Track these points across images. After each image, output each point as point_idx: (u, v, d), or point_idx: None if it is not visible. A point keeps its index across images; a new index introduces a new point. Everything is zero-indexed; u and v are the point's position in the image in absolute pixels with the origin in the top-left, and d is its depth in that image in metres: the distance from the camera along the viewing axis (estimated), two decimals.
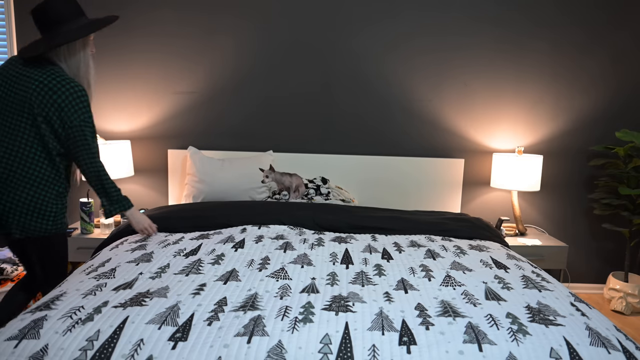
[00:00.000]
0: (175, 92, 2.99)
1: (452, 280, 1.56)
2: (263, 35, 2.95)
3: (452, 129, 3.07)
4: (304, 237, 2.04)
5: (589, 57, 3.02)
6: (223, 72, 2.98)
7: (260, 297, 1.37)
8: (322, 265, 1.68)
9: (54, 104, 1.68)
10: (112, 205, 1.86)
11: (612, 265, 3.23)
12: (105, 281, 1.48)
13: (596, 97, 3.06)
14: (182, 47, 2.94)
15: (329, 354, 1.10)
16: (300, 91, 3.01)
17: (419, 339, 1.16)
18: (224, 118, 3.02)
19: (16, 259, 2.60)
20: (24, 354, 1.10)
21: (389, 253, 1.86)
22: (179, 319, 1.23)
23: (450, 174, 3.02)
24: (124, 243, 1.93)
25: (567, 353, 1.13)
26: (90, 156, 1.76)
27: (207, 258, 1.71)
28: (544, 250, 2.74)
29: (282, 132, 3.04)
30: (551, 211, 3.16)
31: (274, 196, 2.77)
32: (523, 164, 2.79)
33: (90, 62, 1.82)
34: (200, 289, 1.42)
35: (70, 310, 1.26)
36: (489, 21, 2.96)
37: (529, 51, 3.00)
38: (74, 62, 1.78)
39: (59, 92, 1.69)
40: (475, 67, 3.01)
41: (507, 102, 3.05)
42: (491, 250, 1.96)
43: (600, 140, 3.10)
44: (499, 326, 1.23)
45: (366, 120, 3.04)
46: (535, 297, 1.44)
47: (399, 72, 3.00)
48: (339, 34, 2.95)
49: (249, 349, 1.11)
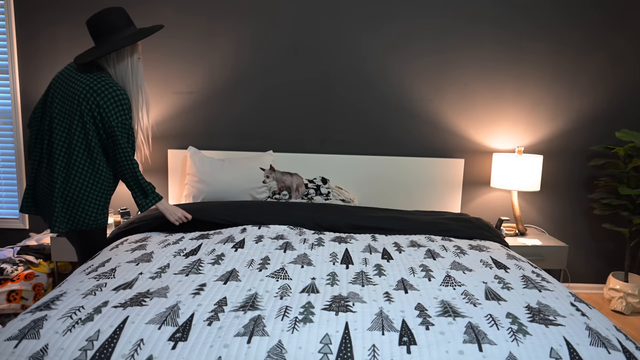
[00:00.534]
0: (175, 92, 2.99)
1: (452, 280, 1.56)
2: (262, 35, 2.95)
3: (452, 129, 3.07)
4: (304, 237, 2.04)
5: (589, 57, 3.02)
6: (223, 72, 2.98)
7: (260, 297, 1.37)
8: (322, 265, 1.68)
9: (98, 105, 1.85)
10: (147, 198, 1.98)
11: (612, 265, 3.23)
12: (105, 281, 1.48)
13: (596, 97, 3.06)
14: (181, 47, 2.94)
15: (329, 354, 1.10)
16: (300, 91, 3.01)
17: (419, 339, 1.16)
18: (224, 118, 3.02)
19: (16, 259, 2.60)
20: (24, 354, 1.10)
21: (389, 253, 1.86)
22: (179, 319, 1.23)
23: (450, 174, 3.02)
24: (124, 243, 1.93)
25: (567, 353, 1.13)
26: (123, 155, 1.90)
27: (207, 258, 1.71)
28: (544, 250, 2.74)
29: (282, 132, 3.04)
30: (551, 211, 3.16)
31: (274, 196, 2.77)
32: (523, 164, 2.79)
33: (138, 68, 1.98)
34: (200, 289, 1.42)
35: (70, 310, 1.26)
36: (489, 22, 2.96)
37: (529, 52, 3.00)
38: (122, 68, 1.94)
39: (102, 95, 1.86)
40: (476, 67, 3.01)
41: (507, 102, 3.05)
42: (491, 250, 1.96)
43: (600, 140, 3.10)
44: (499, 326, 1.23)
45: (366, 121, 3.04)
46: (535, 297, 1.43)
47: (399, 72, 3.00)
48: (338, 34, 2.95)
49: (249, 349, 1.11)
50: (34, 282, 2.56)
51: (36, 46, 2.92)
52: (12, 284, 2.49)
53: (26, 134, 3.01)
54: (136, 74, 1.97)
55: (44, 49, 2.92)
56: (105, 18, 1.87)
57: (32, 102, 2.97)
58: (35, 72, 2.95)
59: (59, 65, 2.94)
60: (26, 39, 2.91)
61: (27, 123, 2.30)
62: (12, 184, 3.07)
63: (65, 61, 2.94)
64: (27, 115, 2.99)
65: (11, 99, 2.96)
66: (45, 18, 2.89)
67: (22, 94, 2.97)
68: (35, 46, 2.92)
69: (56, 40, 2.91)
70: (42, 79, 2.95)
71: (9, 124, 3.02)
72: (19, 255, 2.65)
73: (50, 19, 2.89)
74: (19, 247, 2.73)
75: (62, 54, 2.93)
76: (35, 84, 2.96)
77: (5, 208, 3.10)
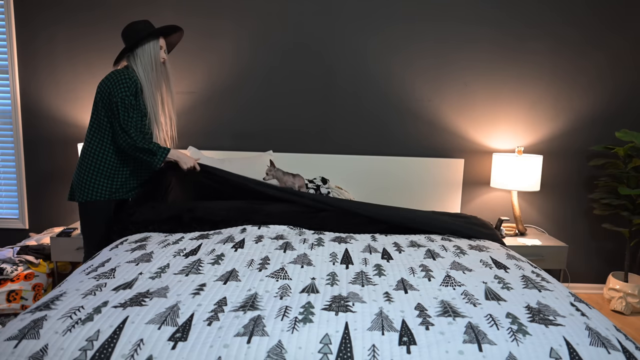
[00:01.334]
0: (175, 92, 2.98)
1: (452, 280, 1.55)
2: (262, 36, 2.95)
3: (452, 129, 3.07)
4: (303, 237, 2.04)
5: (589, 57, 3.02)
6: (223, 72, 2.98)
7: (260, 297, 1.37)
8: (322, 265, 1.68)
9: (106, 86, 2.09)
10: (155, 156, 2.11)
11: (612, 265, 3.23)
12: (105, 281, 1.48)
13: (596, 97, 3.06)
14: (181, 47, 2.94)
15: (329, 354, 1.10)
16: (300, 91, 3.01)
17: (418, 339, 1.16)
18: (224, 118, 3.02)
19: (16, 259, 2.60)
20: (23, 354, 1.10)
21: (389, 253, 1.86)
22: (178, 319, 1.23)
23: (450, 174, 3.02)
24: (124, 243, 1.93)
25: (567, 353, 1.13)
26: (121, 128, 2.07)
27: (207, 258, 1.71)
28: (544, 250, 2.74)
29: (282, 132, 3.04)
30: (551, 211, 3.16)
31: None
32: (523, 164, 2.79)
33: (159, 66, 2.18)
34: (200, 289, 1.42)
35: (70, 311, 1.26)
36: (489, 22, 2.96)
37: (528, 52, 3.00)
38: (146, 67, 2.14)
39: (109, 77, 2.10)
40: (475, 67, 3.01)
41: (507, 102, 3.05)
42: (491, 250, 1.96)
43: (600, 140, 3.10)
44: (498, 326, 1.22)
45: (366, 120, 3.04)
46: (535, 297, 1.43)
47: (399, 72, 3.00)
48: (338, 34, 2.95)
49: (249, 349, 1.11)
50: (34, 282, 2.56)
51: (36, 47, 2.92)
52: (12, 284, 2.49)
53: (26, 134, 3.01)
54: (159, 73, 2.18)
55: (44, 49, 2.92)
56: (131, 25, 2.15)
57: (32, 102, 2.97)
58: (35, 72, 2.95)
59: (59, 66, 2.94)
60: (26, 39, 2.91)
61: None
62: (12, 184, 3.07)
63: (65, 61, 2.94)
64: (27, 116, 2.99)
65: (11, 99, 2.96)
66: (45, 19, 2.89)
67: (21, 95, 2.97)
68: (35, 47, 2.92)
69: (56, 41, 2.91)
70: (42, 80, 2.95)
71: (9, 124, 3.02)
72: (18, 255, 2.65)
73: (50, 20, 2.89)
74: (18, 247, 2.73)
75: (62, 54, 2.93)
76: (35, 84, 2.96)
77: (5, 208, 3.10)
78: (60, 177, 3.05)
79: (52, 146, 3.02)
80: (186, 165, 2.22)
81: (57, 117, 2.99)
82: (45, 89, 2.97)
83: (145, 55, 2.15)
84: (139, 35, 2.13)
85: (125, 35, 2.16)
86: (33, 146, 3.02)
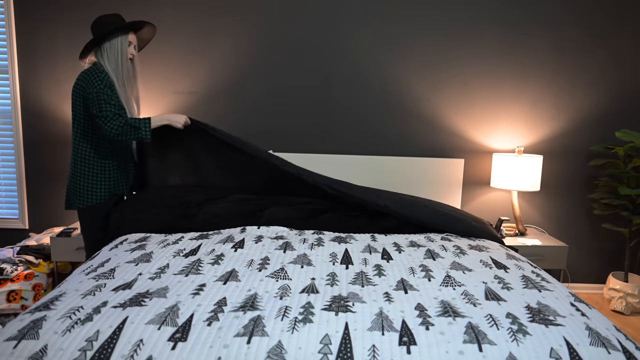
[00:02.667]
0: (175, 92, 2.98)
1: (452, 281, 1.55)
2: (262, 35, 2.95)
3: (451, 129, 3.07)
4: (303, 237, 2.04)
5: (589, 56, 3.02)
6: (223, 72, 2.98)
7: (260, 298, 1.37)
8: (322, 265, 1.68)
9: (80, 86, 2.07)
10: (139, 130, 2.06)
11: (612, 265, 3.23)
12: (104, 281, 1.48)
13: (596, 97, 3.06)
14: (182, 47, 2.94)
15: (329, 354, 1.10)
16: (300, 91, 3.01)
17: (419, 339, 1.16)
18: (225, 118, 3.02)
19: (16, 259, 2.60)
20: (23, 354, 1.10)
21: (389, 253, 1.86)
22: (178, 319, 1.23)
23: (450, 174, 3.02)
24: (123, 243, 1.93)
25: (567, 353, 1.13)
26: (103, 118, 2.02)
27: (207, 258, 1.71)
28: (544, 250, 2.74)
29: (282, 131, 3.04)
30: (551, 211, 3.16)
31: None
32: (523, 164, 2.79)
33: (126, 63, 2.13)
34: (200, 289, 1.42)
35: (70, 311, 1.26)
36: (489, 20, 2.96)
37: (529, 50, 2.99)
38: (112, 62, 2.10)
39: (83, 75, 2.07)
40: (475, 66, 3.01)
41: (507, 101, 3.05)
42: (491, 250, 1.96)
43: (600, 140, 3.10)
44: (499, 326, 1.22)
45: (366, 120, 3.04)
46: (535, 297, 1.43)
47: (399, 71, 3.00)
48: (338, 33, 2.95)
49: (249, 349, 1.11)
50: (34, 282, 2.56)
51: (35, 46, 2.92)
52: (12, 284, 2.49)
53: (26, 134, 3.01)
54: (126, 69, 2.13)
55: (44, 49, 2.92)
56: (99, 20, 2.10)
57: (32, 102, 2.97)
58: (34, 72, 2.94)
59: (59, 65, 2.94)
60: (26, 38, 2.91)
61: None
62: (12, 184, 3.07)
63: (65, 60, 2.94)
64: (27, 115, 2.99)
65: (11, 99, 2.96)
66: (44, 17, 2.89)
67: (21, 94, 2.97)
68: (35, 46, 2.92)
69: (55, 38, 2.91)
70: (42, 79, 2.95)
71: (9, 124, 3.01)
72: (18, 255, 2.65)
73: (50, 18, 2.89)
74: (18, 247, 2.73)
75: (62, 52, 2.92)
76: (34, 84, 2.96)
77: (5, 208, 3.10)
78: (60, 177, 3.05)
79: (52, 146, 3.02)
80: (179, 123, 2.20)
81: (57, 117, 2.99)
82: (45, 89, 2.96)
83: (113, 50, 2.09)
84: (106, 30, 2.06)
85: (94, 29, 2.10)
86: (33, 146, 3.02)
